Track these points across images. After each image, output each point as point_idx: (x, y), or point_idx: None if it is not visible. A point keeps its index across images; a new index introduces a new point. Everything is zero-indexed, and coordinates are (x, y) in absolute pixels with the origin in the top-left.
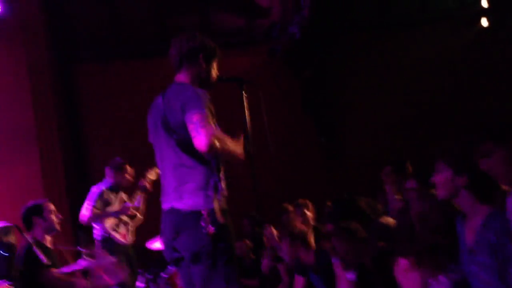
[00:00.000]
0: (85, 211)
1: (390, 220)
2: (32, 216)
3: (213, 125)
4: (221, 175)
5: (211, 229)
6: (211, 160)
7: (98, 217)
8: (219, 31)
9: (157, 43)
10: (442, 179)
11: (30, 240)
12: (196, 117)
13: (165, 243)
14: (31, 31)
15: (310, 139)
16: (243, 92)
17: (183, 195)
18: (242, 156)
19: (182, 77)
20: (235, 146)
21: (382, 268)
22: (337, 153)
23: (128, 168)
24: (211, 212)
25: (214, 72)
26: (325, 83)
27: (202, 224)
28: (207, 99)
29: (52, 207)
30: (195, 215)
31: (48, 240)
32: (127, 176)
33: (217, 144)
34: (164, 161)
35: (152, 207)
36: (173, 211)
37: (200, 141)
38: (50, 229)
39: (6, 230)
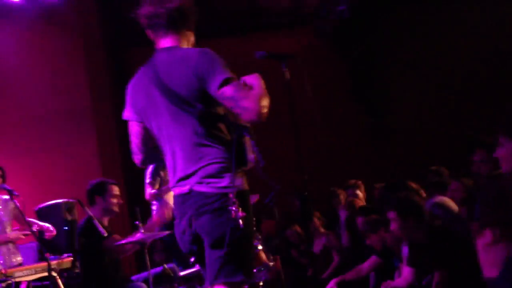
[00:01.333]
0: (146, 189)
1: (445, 199)
2: (94, 194)
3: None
4: (250, 151)
5: (240, 213)
6: (236, 135)
7: (157, 194)
8: (266, 11)
9: (205, 25)
10: (505, 153)
11: (91, 214)
12: (234, 82)
13: (181, 231)
14: (87, 16)
15: (359, 119)
16: (286, 68)
17: (205, 177)
18: None
19: (169, 42)
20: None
21: (435, 245)
22: (386, 133)
23: None
24: (238, 194)
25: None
26: (374, 63)
27: (232, 208)
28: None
29: (116, 190)
30: (221, 197)
31: (105, 219)
32: None
33: (266, 109)
34: (173, 140)
35: None
36: (193, 194)
37: (251, 110)
38: (108, 211)
39: (68, 206)
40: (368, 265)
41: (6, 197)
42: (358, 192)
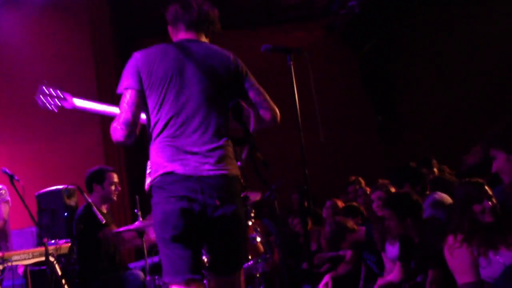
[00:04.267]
0: (146, 179)
1: (444, 196)
2: (93, 182)
3: None
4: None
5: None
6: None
7: None
8: (278, 6)
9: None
10: (500, 165)
11: (90, 201)
12: (261, 88)
13: (188, 208)
14: (95, 4)
15: (367, 117)
16: (291, 62)
17: (226, 160)
18: None
19: (191, 36)
20: None
21: (429, 244)
22: (394, 132)
23: None
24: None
25: None
26: (385, 60)
27: (245, 194)
28: None
29: (114, 178)
30: (240, 182)
31: (103, 207)
32: None
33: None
34: (198, 114)
35: None
36: (219, 175)
37: (276, 112)
38: (106, 199)
39: (69, 192)
40: (347, 259)
41: None
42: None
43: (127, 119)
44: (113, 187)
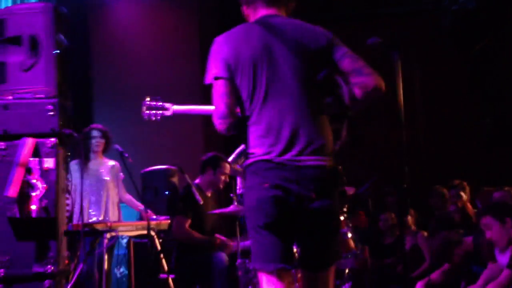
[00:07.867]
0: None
1: None
2: (208, 165)
3: None
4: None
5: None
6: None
7: (236, 172)
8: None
9: (322, 11)
10: None
11: (190, 182)
12: (357, 55)
13: (280, 198)
14: (205, 5)
15: (474, 119)
16: (398, 58)
17: (323, 149)
18: None
19: (272, 12)
20: None
21: None
22: (503, 137)
23: None
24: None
25: None
26: (496, 61)
27: (342, 181)
28: None
29: (227, 169)
30: (336, 172)
31: (209, 191)
32: None
33: (381, 90)
34: (288, 97)
35: None
36: (314, 167)
37: (380, 79)
38: (214, 185)
39: (170, 172)
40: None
41: (112, 163)
42: (462, 193)
43: (223, 112)
44: (223, 177)
